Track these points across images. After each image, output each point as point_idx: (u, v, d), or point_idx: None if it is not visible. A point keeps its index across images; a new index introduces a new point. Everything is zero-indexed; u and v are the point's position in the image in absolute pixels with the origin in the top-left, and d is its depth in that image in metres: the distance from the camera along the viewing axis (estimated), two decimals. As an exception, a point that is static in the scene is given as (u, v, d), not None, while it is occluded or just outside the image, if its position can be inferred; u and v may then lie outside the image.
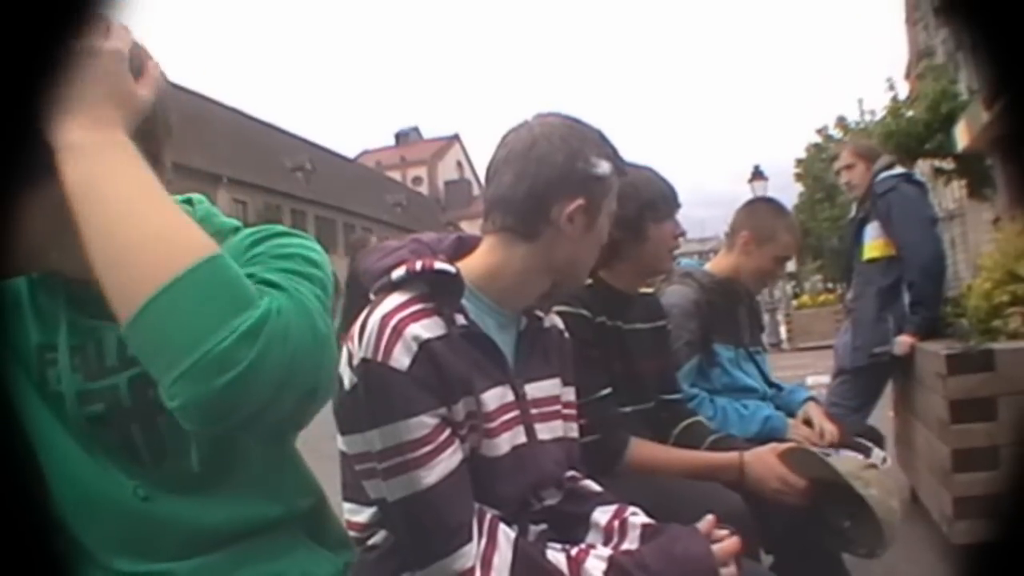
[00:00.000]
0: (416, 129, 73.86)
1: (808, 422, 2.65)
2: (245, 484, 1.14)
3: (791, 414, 2.71)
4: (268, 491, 1.17)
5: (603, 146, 1.52)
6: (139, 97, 0.99)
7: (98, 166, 0.90)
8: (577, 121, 1.53)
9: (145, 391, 1.06)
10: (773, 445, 2.07)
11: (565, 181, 1.47)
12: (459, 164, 71.43)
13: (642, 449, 2.05)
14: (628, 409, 2.16)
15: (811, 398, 2.80)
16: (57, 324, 1.08)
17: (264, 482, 1.17)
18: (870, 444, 2.73)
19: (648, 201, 2.20)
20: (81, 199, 0.89)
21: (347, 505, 1.48)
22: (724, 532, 1.44)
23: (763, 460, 2.01)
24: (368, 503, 1.43)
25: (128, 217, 0.90)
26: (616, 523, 1.54)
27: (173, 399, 0.87)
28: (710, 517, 1.46)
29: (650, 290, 2.45)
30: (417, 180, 66.38)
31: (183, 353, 0.85)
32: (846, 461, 2.06)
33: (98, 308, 1.00)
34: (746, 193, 19.59)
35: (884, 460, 2.75)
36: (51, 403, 1.07)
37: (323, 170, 42.49)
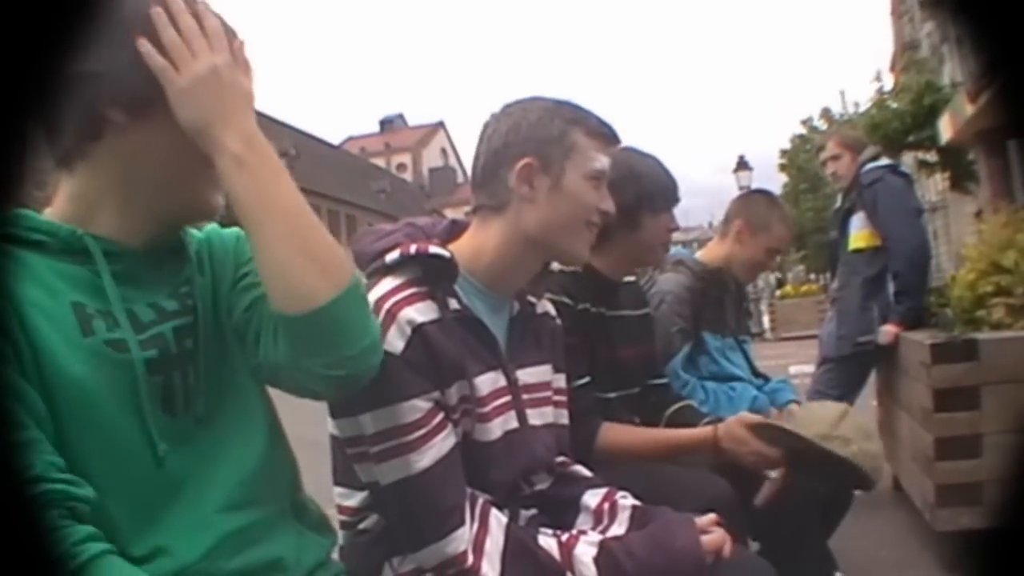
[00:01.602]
0: (401, 116, 73.44)
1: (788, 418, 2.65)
2: (244, 443, 1.17)
3: None
4: (263, 458, 1.20)
5: (560, 108, 1.52)
6: (252, 90, 1.12)
7: (268, 180, 1.08)
8: (538, 96, 1.55)
9: (184, 341, 1.13)
10: (741, 416, 2.03)
11: (510, 145, 1.49)
12: (443, 151, 71.13)
13: (614, 433, 2.03)
14: (613, 395, 2.16)
15: (794, 401, 2.81)
16: (92, 283, 1.08)
17: (259, 443, 1.20)
18: None
19: (647, 192, 2.19)
20: (258, 208, 1.07)
21: (338, 489, 1.48)
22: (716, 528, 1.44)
23: (734, 434, 1.98)
24: (359, 487, 1.43)
25: (309, 226, 1.08)
26: (606, 506, 1.55)
27: (340, 369, 1.09)
28: (712, 516, 1.46)
29: (632, 278, 2.44)
30: (401, 167, 66.10)
31: (359, 337, 1.10)
32: (815, 420, 1.96)
33: (124, 278, 1.10)
34: (731, 183, 19.67)
35: None
36: (95, 356, 1.05)
37: (307, 156, 42.22)
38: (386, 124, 71.95)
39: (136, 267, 1.13)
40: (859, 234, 4.05)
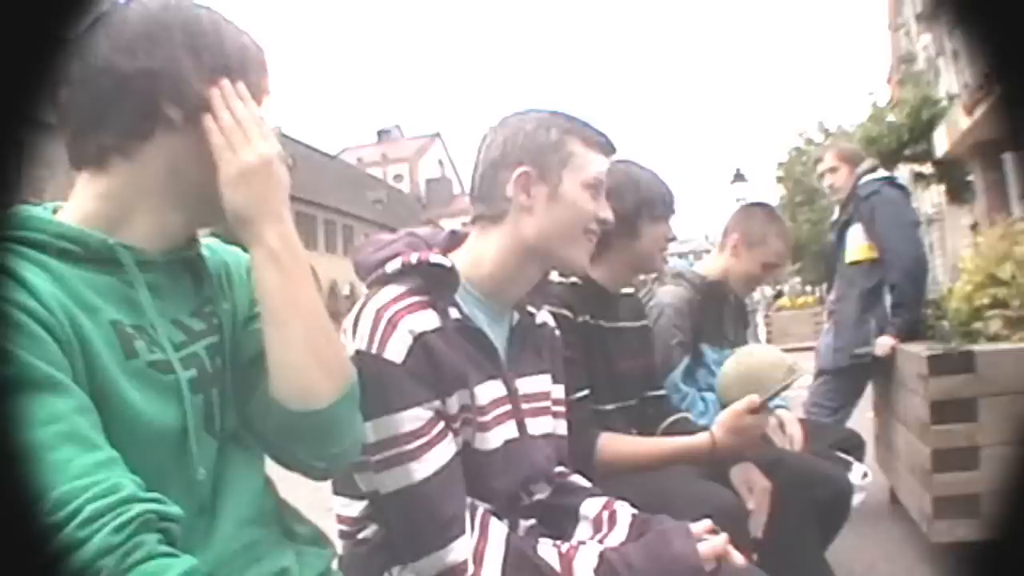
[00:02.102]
0: (398, 127, 73.41)
1: (780, 427, 2.66)
2: (252, 462, 1.18)
3: None
4: (265, 476, 1.21)
5: (556, 117, 1.53)
6: (287, 178, 1.13)
7: (296, 280, 1.11)
8: (535, 108, 1.56)
9: (215, 360, 1.13)
10: (732, 409, 2.02)
11: (507, 155, 1.50)
12: (440, 162, 71.10)
13: (613, 444, 2.03)
14: (611, 407, 2.16)
15: (782, 406, 2.81)
16: (123, 296, 1.05)
17: (263, 461, 1.21)
18: (850, 459, 2.75)
19: (646, 199, 2.21)
20: (283, 305, 1.10)
21: (338, 499, 1.49)
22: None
23: (736, 427, 1.99)
24: (359, 497, 1.43)
25: (323, 328, 1.12)
26: (605, 514, 1.55)
27: (320, 462, 1.16)
28: (707, 522, 1.47)
29: (631, 290, 2.45)
30: (398, 177, 66.06)
31: (345, 438, 1.16)
32: (775, 366, 2.26)
33: (151, 290, 1.08)
34: (727, 195, 19.70)
35: (865, 475, 2.78)
36: (140, 378, 1.02)
37: (304, 166, 42.10)
38: (383, 135, 71.97)
39: (159, 279, 1.10)
40: (856, 246, 4.05)
